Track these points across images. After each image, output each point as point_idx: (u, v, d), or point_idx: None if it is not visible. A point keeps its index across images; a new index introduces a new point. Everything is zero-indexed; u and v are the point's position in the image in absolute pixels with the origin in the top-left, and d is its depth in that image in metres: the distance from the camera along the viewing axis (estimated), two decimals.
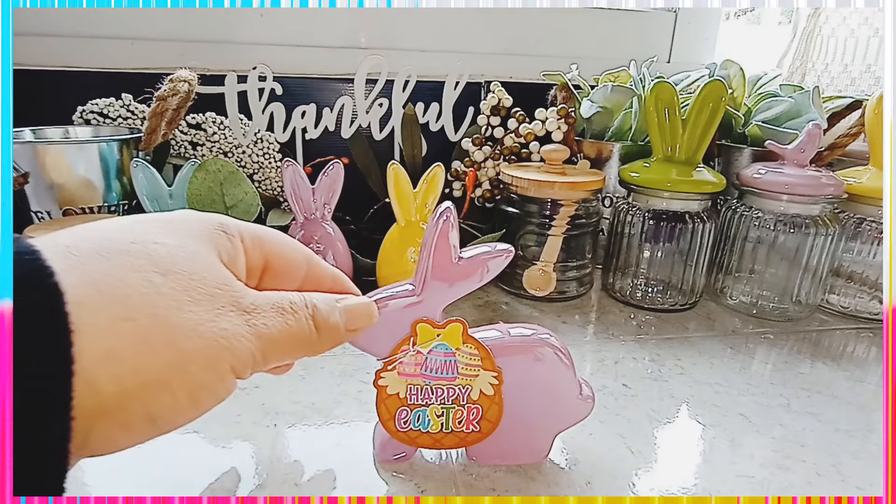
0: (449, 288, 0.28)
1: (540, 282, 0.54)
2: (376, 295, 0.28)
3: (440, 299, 0.28)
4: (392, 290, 0.29)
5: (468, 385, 0.30)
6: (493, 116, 0.63)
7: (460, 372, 0.29)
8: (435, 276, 0.28)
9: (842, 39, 0.73)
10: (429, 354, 0.29)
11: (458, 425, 0.31)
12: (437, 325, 0.29)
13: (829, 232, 0.50)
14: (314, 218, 0.52)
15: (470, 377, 0.29)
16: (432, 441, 0.31)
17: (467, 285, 0.28)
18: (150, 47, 0.61)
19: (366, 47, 0.67)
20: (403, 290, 0.29)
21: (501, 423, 0.30)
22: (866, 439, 0.35)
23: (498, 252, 0.28)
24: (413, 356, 0.29)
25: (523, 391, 0.30)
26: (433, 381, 0.29)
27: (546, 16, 0.71)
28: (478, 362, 0.29)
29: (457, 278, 0.28)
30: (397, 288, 0.29)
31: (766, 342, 0.49)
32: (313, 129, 0.62)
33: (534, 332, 0.31)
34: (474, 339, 0.29)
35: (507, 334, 0.30)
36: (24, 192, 0.50)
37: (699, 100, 0.50)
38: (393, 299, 0.28)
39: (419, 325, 0.28)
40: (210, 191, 0.49)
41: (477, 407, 0.30)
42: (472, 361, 0.29)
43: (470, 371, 0.29)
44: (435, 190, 0.50)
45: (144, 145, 0.53)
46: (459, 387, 0.30)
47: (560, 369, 0.30)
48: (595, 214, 0.56)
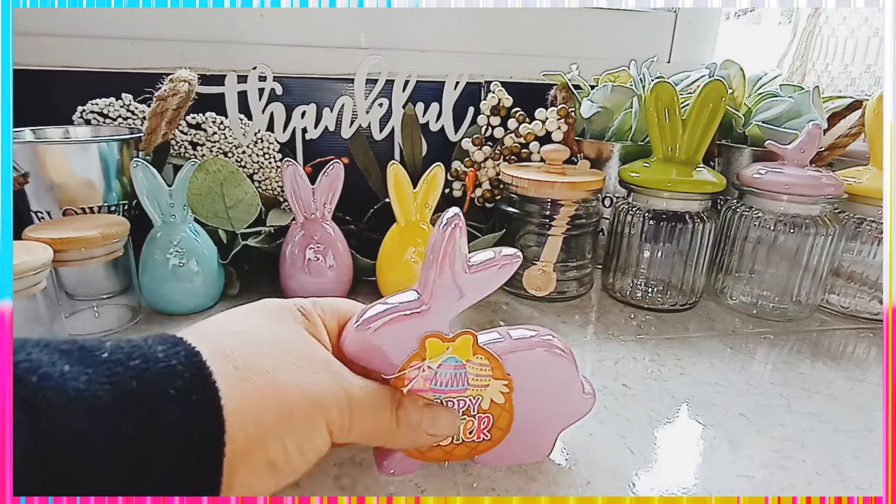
0: (459, 298, 0.27)
1: (540, 282, 0.54)
2: (381, 306, 0.27)
3: (449, 310, 0.27)
4: (398, 301, 0.27)
5: (479, 395, 0.29)
6: (493, 116, 0.63)
7: (471, 383, 0.29)
8: (444, 287, 0.26)
9: (842, 39, 0.73)
10: (438, 369, 0.28)
11: (469, 436, 0.30)
12: (447, 338, 0.27)
13: (829, 232, 0.50)
14: (314, 218, 0.52)
15: (481, 388, 0.29)
16: (443, 454, 0.30)
17: (477, 294, 0.27)
18: (150, 47, 0.61)
19: (366, 47, 0.67)
20: (409, 300, 0.27)
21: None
22: (866, 439, 0.35)
23: (508, 258, 0.27)
24: (424, 371, 0.27)
25: (529, 392, 0.30)
26: (443, 394, 0.28)
27: (546, 16, 0.71)
28: (488, 372, 0.29)
29: (467, 288, 0.27)
30: (403, 298, 0.27)
31: (766, 342, 0.49)
32: (313, 129, 0.62)
33: (536, 333, 0.30)
34: (484, 349, 0.28)
35: (509, 336, 0.30)
36: (24, 191, 0.50)
37: (699, 100, 0.50)
38: (400, 312, 0.27)
39: (429, 341, 0.27)
40: (210, 191, 0.49)
41: (488, 416, 0.30)
42: (482, 372, 0.28)
43: (481, 381, 0.29)
44: (435, 190, 0.50)
45: (144, 145, 0.53)
46: (470, 398, 0.29)
47: (564, 368, 0.30)
48: (595, 214, 0.56)
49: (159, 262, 0.47)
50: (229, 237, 0.54)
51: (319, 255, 0.51)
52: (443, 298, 0.27)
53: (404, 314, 0.26)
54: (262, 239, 0.53)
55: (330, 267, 0.51)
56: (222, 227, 0.51)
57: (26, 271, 0.36)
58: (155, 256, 0.47)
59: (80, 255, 0.43)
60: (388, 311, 0.27)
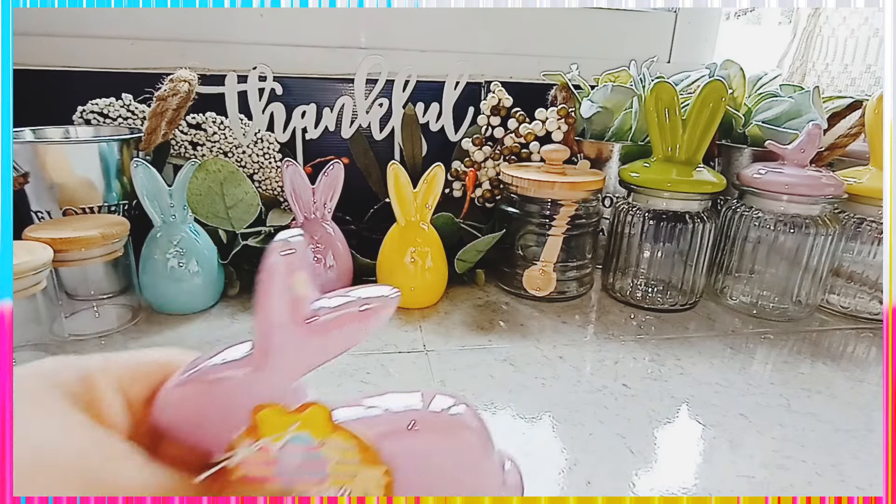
0: (300, 353, 0.19)
1: (540, 282, 0.54)
2: (202, 362, 0.19)
3: (292, 371, 0.19)
4: (225, 356, 0.20)
5: (346, 486, 0.20)
6: (493, 116, 0.63)
7: (330, 471, 0.20)
8: (277, 340, 0.19)
9: (842, 39, 0.73)
10: (281, 451, 0.19)
11: None
12: (289, 411, 0.19)
13: (829, 232, 0.50)
14: (314, 218, 0.52)
15: (345, 478, 0.20)
16: None
17: (330, 351, 0.19)
18: (150, 47, 0.61)
19: (366, 47, 0.67)
20: (240, 355, 0.19)
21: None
22: (866, 439, 0.35)
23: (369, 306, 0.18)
24: (257, 453, 0.19)
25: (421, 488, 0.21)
26: (297, 484, 0.20)
27: (546, 16, 0.71)
28: (354, 457, 0.20)
29: (309, 344, 0.19)
30: (232, 353, 0.20)
31: (766, 342, 0.49)
32: (313, 129, 0.62)
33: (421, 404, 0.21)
34: (344, 428, 0.20)
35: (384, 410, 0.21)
36: (25, 191, 0.50)
37: (699, 100, 0.50)
38: (226, 370, 0.19)
39: (261, 413, 0.19)
40: (210, 191, 0.49)
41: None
42: (346, 457, 0.20)
43: (345, 470, 0.20)
44: (435, 190, 0.50)
45: (145, 145, 0.53)
46: (336, 490, 0.20)
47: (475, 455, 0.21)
48: (595, 214, 0.56)
49: (159, 262, 0.47)
50: (229, 237, 0.54)
51: (319, 255, 0.51)
52: (279, 355, 0.19)
53: (230, 370, 0.19)
54: (262, 239, 0.53)
55: (330, 267, 0.51)
56: (222, 227, 0.51)
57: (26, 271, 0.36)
58: (155, 256, 0.47)
59: (80, 255, 0.43)
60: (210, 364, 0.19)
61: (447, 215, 0.55)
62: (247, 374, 0.19)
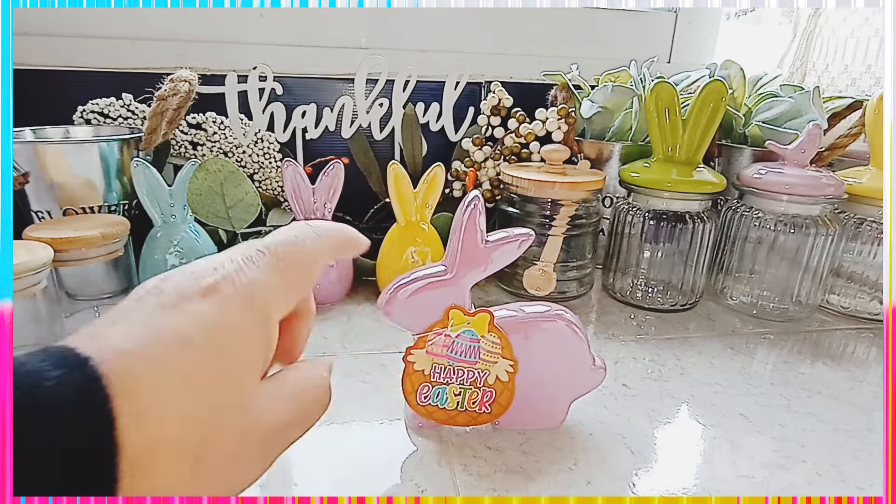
0: (477, 268, 0.31)
1: (540, 282, 0.54)
2: (412, 275, 0.32)
3: (469, 279, 0.32)
4: (427, 271, 0.32)
5: (487, 370, 0.33)
6: (493, 116, 0.63)
7: (482, 357, 0.32)
8: (465, 258, 0.31)
9: (842, 40, 0.73)
10: (457, 338, 0.32)
11: (472, 405, 0.33)
12: (468, 313, 0.32)
13: (830, 232, 0.50)
14: (314, 218, 0.52)
15: (489, 363, 0.33)
16: (447, 417, 0.34)
17: (493, 265, 0.31)
18: (150, 47, 0.61)
19: (366, 47, 0.67)
20: (437, 271, 0.32)
21: (522, 392, 0.33)
22: (866, 439, 0.35)
23: (518, 237, 0.31)
24: (443, 338, 0.32)
25: (542, 362, 0.33)
26: (456, 362, 0.33)
27: (546, 16, 0.71)
28: (498, 350, 0.32)
29: (484, 259, 0.31)
30: (431, 269, 0.32)
31: (767, 342, 0.49)
32: (313, 129, 0.62)
33: (549, 309, 0.34)
34: (499, 329, 0.32)
35: (523, 311, 0.33)
36: (25, 191, 0.50)
37: (699, 100, 0.50)
38: (429, 279, 0.31)
39: (452, 311, 0.32)
40: (210, 191, 0.49)
41: (491, 391, 0.33)
42: (493, 349, 0.32)
43: (490, 357, 0.32)
44: (435, 190, 0.50)
45: (145, 145, 0.53)
46: (479, 370, 0.33)
47: (574, 341, 0.33)
48: (595, 214, 0.56)
49: (159, 261, 0.47)
50: (229, 237, 0.54)
51: None
52: (464, 269, 0.31)
53: (432, 279, 0.31)
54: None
55: (330, 267, 0.51)
56: (222, 227, 0.51)
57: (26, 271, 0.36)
58: (155, 256, 0.47)
59: (80, 254, 0.43)
60: (418, 276, 0.32)
61: (447, 215, 0.55)
62: (446, 283, 0.32)
